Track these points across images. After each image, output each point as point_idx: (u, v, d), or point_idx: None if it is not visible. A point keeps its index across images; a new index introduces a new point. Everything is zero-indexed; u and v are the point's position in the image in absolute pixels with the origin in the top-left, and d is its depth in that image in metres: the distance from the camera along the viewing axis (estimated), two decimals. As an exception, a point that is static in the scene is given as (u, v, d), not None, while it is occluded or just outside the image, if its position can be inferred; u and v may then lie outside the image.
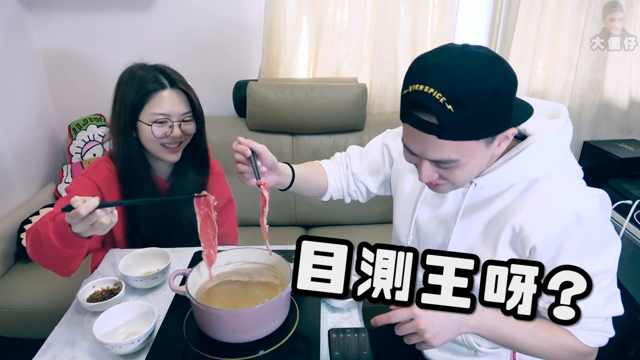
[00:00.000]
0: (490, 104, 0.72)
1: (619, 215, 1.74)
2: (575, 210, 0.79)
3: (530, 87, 2.23)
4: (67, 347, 0.95)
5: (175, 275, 0.95)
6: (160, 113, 1.20)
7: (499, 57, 0.76)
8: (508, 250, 0.86)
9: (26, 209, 1.97)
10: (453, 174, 0.81)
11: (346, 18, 2.13)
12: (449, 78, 0.71)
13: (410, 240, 1.03)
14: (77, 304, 1.06)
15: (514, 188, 0.86)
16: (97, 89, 2.26)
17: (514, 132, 0.79)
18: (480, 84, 0.71)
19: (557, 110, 0.90)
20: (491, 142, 0.78)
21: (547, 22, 2.13)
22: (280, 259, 1.01)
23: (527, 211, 0.83)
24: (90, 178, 1.22)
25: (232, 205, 1.50)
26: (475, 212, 0.90)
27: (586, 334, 0.86)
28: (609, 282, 0.83)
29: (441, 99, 0.70)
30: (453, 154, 0.77)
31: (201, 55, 2.25)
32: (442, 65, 0.73)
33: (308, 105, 2.02)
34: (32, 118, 2.17)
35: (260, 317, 0.90)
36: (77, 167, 2.22)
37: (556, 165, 0.85)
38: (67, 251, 0.94)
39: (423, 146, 0.78)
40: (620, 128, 2.34)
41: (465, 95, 0.70)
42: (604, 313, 0.84)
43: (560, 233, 0.80)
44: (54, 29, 2.17)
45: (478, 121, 0.73)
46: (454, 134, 0.74)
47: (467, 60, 0.72)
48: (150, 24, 2.17)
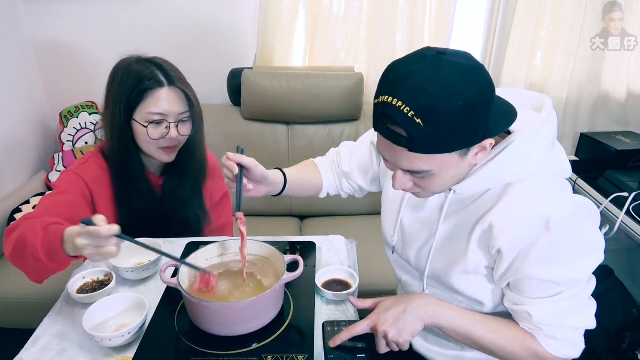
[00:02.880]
0: (464, 118, 0.68)
1: (615, 208, 1.74)
2: (545, 215, 0.75)
3: (528, 78, 2.21)
4: (56, 339, 0.93)
5: (166, 267, 0.93)
6: (157, 113, 1.13)
7: (478, 67, 0.71)
8: (477, 249, 0.84)
9: (17, 198, 1.94)
10: (427, 183, 0.79)
11: (343, 6, 2.10)
12: (419, 91, 0.67)
13: (396, 240, 1.02)
14: (67, 295, 1.05)
15: (493, 189, 0.83)
16: (89, 76, 2.23)
17: (491, 142, 0.75)
18: (452, 98, 0.66)
19: (542, 102, 0.85)
20: (466, 154, 0.75)
21: (547, 12, 2.11)
22: (274, 250, 1.00)
23: (498, 212, 0.80)
24: (80, 175, 1.17)
25: (228, 198, 1.48)
26: (457, 214, 0.88)
27: (549, 342, 0.84)
28: (577, 292, 0.80)
29: (409, 112, 0.67)
30: (425, 166, 0.74)
31: (195, 42, 2.21)
32: (413, 76, 0.69)
33: (304, 94, 1.99)
34: (22, 106, 2.14)
35: (253, 310, 0.89)
36: (69, 155, 2.19)
37: (536, 165, 0.80)
38: (51, 265, 0.92)
39: (394, 156, 0.76)
40: (618, 120, 2.33)
41: (436, 110, 0.67)
42: (567, 323, 0.82)
43: (527, 237, 0.77)
44: (45, 16, 2.13)
45: (450, 135, 0.70)
46: (425, 148, 0.71)
47: (441, 71, 0.68)
48: (143, 9, 2.13)
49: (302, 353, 0.87)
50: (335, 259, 1.19)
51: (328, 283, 1.07)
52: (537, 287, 0.80)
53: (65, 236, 0.88)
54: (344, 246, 1.24)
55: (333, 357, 0.85)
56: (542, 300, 0.81)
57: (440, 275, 0.93)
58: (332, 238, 1.27)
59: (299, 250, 1.18)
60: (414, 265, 1.00)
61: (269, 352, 0.87)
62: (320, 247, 1.22)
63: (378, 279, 1.70)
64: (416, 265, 0.99)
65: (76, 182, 1.16)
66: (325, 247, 1.23)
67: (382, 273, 1.71)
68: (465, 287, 0.90)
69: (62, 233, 0.89)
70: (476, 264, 0.86)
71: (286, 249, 1.18)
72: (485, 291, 0.90)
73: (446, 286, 0.93)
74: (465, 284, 0.90)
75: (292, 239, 1.25)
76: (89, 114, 2.22)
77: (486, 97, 0.71)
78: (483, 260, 0.85)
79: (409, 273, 1.05)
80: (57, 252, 0.88)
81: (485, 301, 0.91)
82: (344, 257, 1.19)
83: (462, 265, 0.87)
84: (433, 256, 0.92)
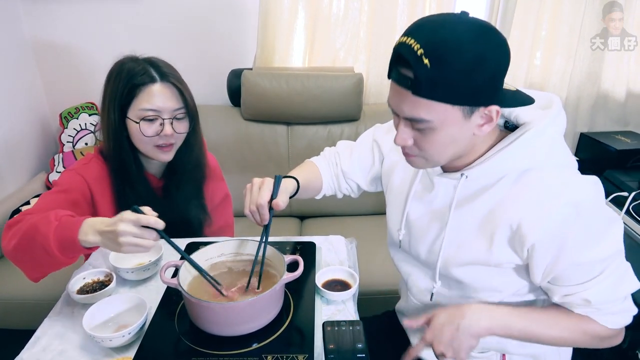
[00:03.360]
0: (471, 70, 0.70)
1: (615, 207, 1.74)
2: (572, 201, 0.77)
3: (528, 78, 2.21)
4: (56, 340, 0.93)
5: (166, 268, 0.93)
6: (150, 109, 1.11)
7: (496, 31, 0.73)
8: (506, 248, 0.84)
9: (17, 199, 1.94)
10: (427, 140, 0.79)
11: (343, 6, 2.10)
12: (433, 33, 0.70)
13: (402, 234, 1.01)
14: (67, 296, 1.05)
15: (505, 179, 0.83)
16: (89, 77, 2.23)
17: (497, 110, 0.76)
18: (462, 45, 0.69)
19: (550, 100, 0.87)
20: (470, 115, 0.75)
21: (546, 11, 2.11)
22: (274, 251, 1.00)
23: (522, 206, 0.80)
24: (81, 175, 1.16)
25: (229, 200, 1.47)
26: (468, 205, 0.88)
27: (608, 318, 0.85)
28: (618, 263, 0.82)
29: (419, 51, 0.69)
30: (426, 114, 0.74)
31: (195, 43, 2.22)
32: (432, 22, 0.73)
33: (303, 95, 1.99)
34: (22, 107, 2.14)
35: (253, 310, 0.89)
36: (69, 156, 2.19)
37: (548, 156, 0.82)
38: (60, 257, 0.90)
39: (399, 102, 0.77)
40: (617, 120, 2.33)
41: (443, 52, 0.69)
42: (619, 294, 0.83)
43: (560, 227, 0.78)
44: (45, 17, 2.12)
45: (454, 83, 0.71)
46: (428, 92, 0.72)
47: (458, 22, 0.71)
48: (143, 10, 2.13)
49: (302, 353, 0.87)
50: (335, 259, 1.19)
51: (328, 283, 1.07)
52: (586, 271, 0.81)
53: (84, 226, 0.88)
54: (343, 246, 1.24)
55: (333, 357, 0.85)
56: (593, 282, 0.81)
57: (453, 268, 0.91)
58: (332, 238, 1.27)
59: (299, 251, 1.18)
60: (424, 260, 0.98)
61: (269, 352, 0.87)
62: (320, 247, 1.22)
63: (378, 279, 1.70)
64: (426, 260, 0.98)
65: (77, 181, 1.15)
66: (325, 247, 1.23)
67: (382, 273, 1.71)
68: (482, 280, 0.90)
69: (79, 223, 0.89)
70: (502, 260, 0.85)
71: (286, 249, 1.18)
72: (505, 282, 0.89)
73: (459, 280, 0.92)
74: (483, 276, 0.89)
75: (292, 239, 1.25)
76: (89, 114, 2.22)
77: (498, 58, 0.72)
78: (513, 258, 0.84)
79: (417, 268, 1.03)
80: (72, 243, 0.87)
81: (503, 289, 0.90)
82: (344, 257, 1.19)
83: (483, 259, 0.86)
84: (445, 249, 0.91)
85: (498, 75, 0.74)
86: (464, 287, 0.92)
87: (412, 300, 1.06)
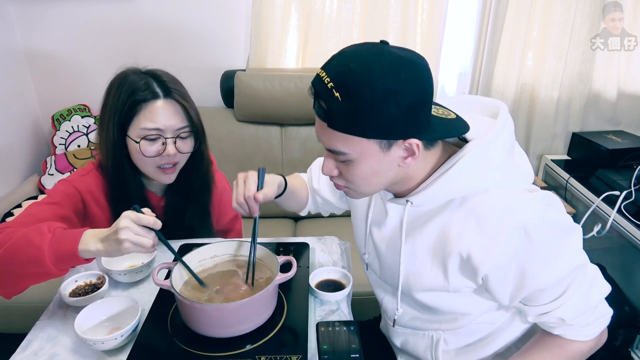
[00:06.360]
0: (381, 102, 0.67)
1: (607, 206, 1.75)
2: (519, 225, 0.73)
3: (520, 78, 2.22)
4: (48, 343, 0.92)
5: (159, 269, 0.93)
6: (152, 128, 1.04)
7: (417, 62, 0.70)
8: (459, 277, 0.82)
9: (8, 202, 1.93)
10: (349, 172, 0.78)
11: (335, 7, 2.10)
12: (341, 65, 0.70)
13: (367, 258, 1.01)
14: (59, 299, 1.04)
15: (452, 203, 0.80)
16: (81, 79, 2.22)
17: (417, 144, 0.73)
18: (372, 79, 0.67)
19: (497, 108, 0.83)
20: (388, 148, 0.73)
21: (538, 12, 2.12)
22: (267, 252, 1.00)
23: (469, 235, 0.77)
24: (76, 187, 1.10)
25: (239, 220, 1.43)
26: (419, 230, 0.85)
27: (585, 331, 0.84)
28: (583, 273, 0.80)
29: (329, 84, 0.69)
30: (342, 147, 0.74)
31: (188, 45, 2.21)
32: (345, 55, 0.72)
33: (297, 96, 2.00)
34: (14, 109, 2.12)
35: (246, 311, 0.88)
36: (61, 158, 2.18)
37: (492, 177, 0.77)
38: (52, 269, 0.86)
39: (320, 133, 0.78)
40: (609, 119, 2.35)
41: (353, 85, 0.68)
42: (591, 303, 0.82)
43: (512, 256, 0.76)
44: (37, 19, 2.11)
45: (366, 117, 0.69)
46: (342, 125, 0.71)
47: (371, 54, 0.69)
48: (135, 11, 2.12)
49: (295, 354, 0.87)
50: (329, 259, 1.19)
51: (321, 284, 1.07)
52: (552, 290, 0.79)
53: (85, 236, 0.86)
54: (337, 247, 1.24)
55: (327, 357, 0.85)
56: (563, 297, 0.80)
57: (415, 293, 0.90)
58: (326, 239, 1.27)
59: (292, 251, 1.18)
60: (392, 284, 0.98)
61: (263, 353, 0.87)
62: (314, 247, 1.22)
63: (372, 279, 1.70)
64: (392, 284, 0.97)
65: (71, 195, 1.09)
66: (318, 247, 1.23)
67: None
68: (447, 305, 0.89)
69: (80, 234, 0.86)
70: (459, 286, 0.84)
71: (279, 250, 1.18)
72: (470, 303, 0.88)
73: (424, 304, 0.91)
74: (446, 301, 0.88)
75: (285, 240, 1.24)
76: (82, 117, 2.20)
77: (413, 90, 0.69)
78: (469, 284, 0.83)
79: (386, 291, 1.03)
80: (70, 255, 0.85)
81: (471, 311, 0.89)
82: (338, 258, 1.19)
83: (442, 286, 0.85)
84: (404, 275, 0.90)
85: (418, 106, 0.71)
86: (433, 310, 0.92)
87: (389, 323, 1.05)
